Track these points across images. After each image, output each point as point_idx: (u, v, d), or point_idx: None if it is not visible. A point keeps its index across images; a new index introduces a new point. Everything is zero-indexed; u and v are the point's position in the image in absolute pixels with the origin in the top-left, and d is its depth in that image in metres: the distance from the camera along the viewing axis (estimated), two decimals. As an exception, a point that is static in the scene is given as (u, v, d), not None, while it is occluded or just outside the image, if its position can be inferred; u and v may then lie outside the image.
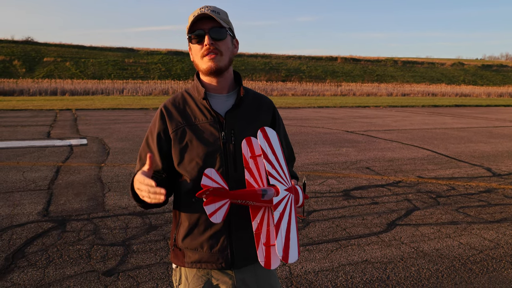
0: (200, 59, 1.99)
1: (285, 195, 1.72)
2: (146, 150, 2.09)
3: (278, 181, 1.74)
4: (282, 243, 1.63)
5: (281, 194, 1.72)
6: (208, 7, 1.97)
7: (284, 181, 1.75)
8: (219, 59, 1.98)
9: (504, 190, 7.56)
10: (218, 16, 1.95)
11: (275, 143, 1.80)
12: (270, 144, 1.78)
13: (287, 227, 1.65)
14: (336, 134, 15.10)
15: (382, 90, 57.29)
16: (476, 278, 4.28)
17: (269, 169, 1.74)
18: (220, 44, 1.97)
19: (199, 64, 2.02)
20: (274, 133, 1.81)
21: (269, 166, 1.75)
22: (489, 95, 58.96)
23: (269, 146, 1.78)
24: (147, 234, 5.31)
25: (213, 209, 1.75)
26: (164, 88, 47.42)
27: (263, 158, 1.77)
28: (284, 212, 1.68)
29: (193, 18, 1.94)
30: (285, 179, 1.75)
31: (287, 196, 1.72)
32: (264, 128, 1.79)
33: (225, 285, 2.06)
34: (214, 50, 1.96)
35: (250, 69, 74.18)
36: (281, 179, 1.75)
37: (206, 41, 1.94)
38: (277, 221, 1.67)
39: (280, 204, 1.70)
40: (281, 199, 1.71)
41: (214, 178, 1.74)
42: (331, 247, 4.99)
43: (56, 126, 16.69)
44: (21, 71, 59.67)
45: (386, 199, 6.91)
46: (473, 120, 21.94)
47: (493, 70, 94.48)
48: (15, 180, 7.88)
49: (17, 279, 4.12)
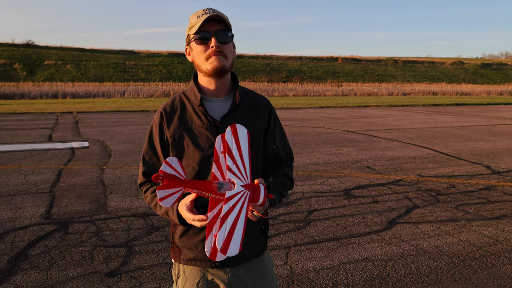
0: (204, 60, 1.99)
1: (240, 190, 1.71)
2: (150, 152, 2.12)
3: (236, 176, 1.74)
4: (224, 235, 1.62)
5: (236, 189, 1.71)
6: (212, 9, 1.97)
7: (243, 177, 1.74)
8: (224, 60, 1.99)
9: (503, 187, 7.59)
10: (222, 19, 1.96)
11: (243, 140, 1.79)
12: (237, 141, 1.77)
13: (234, 222, 1.64)
14: (337, 134, 15.13)
15: (383, 90, 57.32)
16: (475, 274, 4.32)
17: (230, 164, 1.75)
18: (225, 47, 1.99)
19: (202, 65, 2.01)
20: (244, 131, 1.80)
21: (230, 161, 1.75)
22: (489, 94, 58.94)
23: (235, 142, 1.77)
24: (149, 235, 5.35)
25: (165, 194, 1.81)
26: (165, 90, 47.46)
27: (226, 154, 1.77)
28: (234, 207, 1.67)
29: (203, 18, 1.93)
30: (244, 175, 1.74)
31: (242, 192, 1.71)
32: (234, 125, 1.78)
33: (220, 279, 2.11)
34: (220, 52, 1.97)
35: (251, 70, 74.23)
36: (240, 175, 1.74)
37: (213, 43, 1.94)
38: (224, 214, 1.66)
39: (232, 199, 1.69)
40: (234, 194, 1.70)
41: (174, 166, 1.80)
42: (332, 246, 5.02)
43: (57, 129, 16.73)
44: (22, 75, 59.76)
45: (387, 198, 6.94)
46: (473, 118, 21.95)
47: (493, 69, 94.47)
48: (17, 183, 7.93)
49: (20, 282, 4.15)
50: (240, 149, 1.77)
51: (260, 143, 2.12)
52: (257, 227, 2.18)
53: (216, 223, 1.67)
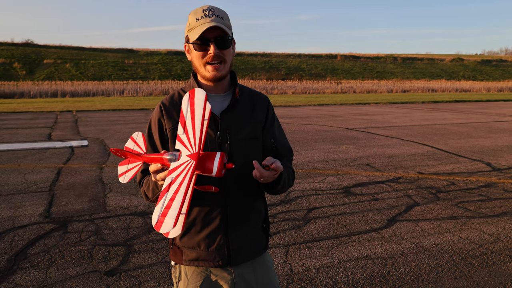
0: (203, 66, 1.98)
1: (184, 161, 1.63)
2: (149, 148, 2.10)
3: (184, 146, 1.66)
4: (160, 210, 1.54)
5: (180, 160, 1.64)
6: (212, 10, 1.94)
7: (191, 146, 1.64)
8: (222, 67, 1.98)
9: (504, 185, 7.58)
10: (223, 23, 1.94)
11: (198, 107, 1.67)
12: (192, 108, 1.68)
13: (173, 195, 1.55)
14: (336, 132, 15.12)
15: (382, 87, 57.28)
16: (476, 272, 4.31)
17: (180, 133, 1.68)
18: (225, 52, 1.97)
19: (200, 69, 2.01)
20: (202, 95, 1.68)
21: (181, 130, 1.68)
22: (488, 90, 58.93)
23: (190, 109, 1.69)
24: (149, 234, 5.34)
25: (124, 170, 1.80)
26: (164, 89, 47.41)
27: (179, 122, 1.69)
28: (176, 179, 1.59)
29: (203, 24, 1.90)
30: (192, 145, 1.64)
31: (187, 163, 1.62)
32: (193, 90, 1.71)
33: (223, 280, 2.09)
34: (218, 58, 1.96)
35: (250, 68, 74.19)
36: (188, 145, 1.65)
37: (212, 51, 1.93)
38: (165, 187, 1.59)
39: (175, 171, 1.62)
40: (178, 165, 1.63)
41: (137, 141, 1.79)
42: (332, 244, 5.01)
43: (56, 128, 16.72)
44: (21, 74, 59.72)
45: (386, 195, 6.93)
46: (473, 115, 21.95)
47: (493, 65, 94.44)
48: (16, 182, 7.91)
49: (19, 281, 4.14)
50: (193, 114, 1.67)
51: (260, 137, 2.12)
52: (258, 225, 2.17)
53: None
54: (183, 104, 1.71)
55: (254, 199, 2.12)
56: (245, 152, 2.03)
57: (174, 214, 1.52)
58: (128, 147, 1.84)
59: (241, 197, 2.05)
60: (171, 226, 1.50)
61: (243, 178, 2.01)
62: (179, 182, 1.58)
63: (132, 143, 1.84)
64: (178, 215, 1.51)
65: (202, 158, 1.68)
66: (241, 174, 2.00)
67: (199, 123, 1.65)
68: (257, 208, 2.14)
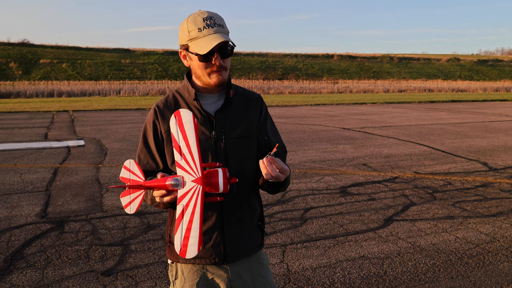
0: (207, 75, 1.99)
1: (191, 187, 1.67)
2: (144, 151, 2.12)
3: (186, 171, 1.69)
4: (181, 238, 1.62)
5: (186, 187, 1.68)
6: (213, 19, 1.93)
7: (193, 171, 1.68)
8: (225, 74, 2.01)
9: (500, 184, 7.59)
10: (224, 31, 1.95)
11: (189, 128, 1.70)
12: (183, 130, 1.71)
13: (189, 222, 1.63)
14: (333, 132, 15.13)
15: (379, 87, 57.32)
16: (473, 272, 4.31)
17: (178, 159, 1.71)
18: (226, 60, 1.99)
19: (202, 77, 2.01)
20: (189, 116, 1.72)
21: (178, 156, 1.71)
22: (485, 90, 59.03)
23: (181, 132, 1.71)
24: (145, 233, 5.33)
25: (128, 201, 1.81)
26: (161, 88, 47.33)
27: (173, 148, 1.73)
28: (188, 206, 1.65)
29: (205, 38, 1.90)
30: (194, 169, 1.68)
31: (194, 188, 1.66)
32: (178, 112, 1.73)
33: (220, 278, 2.10)
34: (221, 67, 1.98)
35: (247, 68, 74.21)
36: (190, 169, 1.68)
37: (217, 61, 1.94)
38: (179, 215, 1.65)
39: (185, 198, 1.66)
40: (186, 192, 1.67)
41: (132, 170, 1.80)
42: (329, 244, 5.01)
43: (53, 127, 16.68)
44: (18, 73, 59.59)
45: (383, 195, 6.94)
46: (470, 115, 21.99)
47: (489, 65, 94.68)
48: (12, 182, 7.89)
49: (16, 281, 4.13)
50: (186, 138, 1.70)
51: (254, 136, 2.13)
52: (254, 223, 2.19)
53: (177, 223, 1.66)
54: (172, 128, 1.73)
55: (249, 197, 2.14)
56: (239, 151, 2.06)
57: (195, 241, 1.61)
58: (124, 177, 1.86)
59: (236, 195, 2.06)
60: (196, 251, 1.61)
61: (238, 176, 2.02)
62: (191, 209, 1.65)
63: (127, 172, 1.85)
64: (200, 240, 1.61)
65: (206, 178, 1.72)
66: (235, 172, 2.02)
67: (194, 146, 1.69)
68: (252, 206, 2.16)
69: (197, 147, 1.68)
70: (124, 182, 1.89)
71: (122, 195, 1.86)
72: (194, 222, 1.62)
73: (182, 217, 1.64)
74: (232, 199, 2.05)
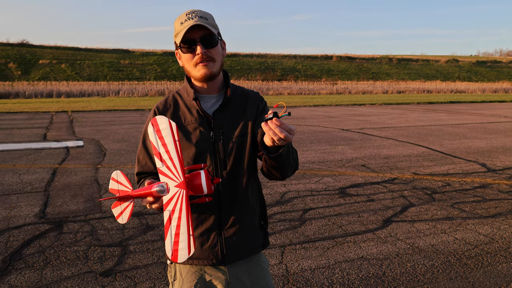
0: (193, 67, 2.00)
1: (174, 192, 1.69)
2: (143, 152, 2.13)
3: (168, 177, 1.71)
4: (171, 243, 1.65)
5: (170, 192, 1.70)
6: (195, 12, 1.96)
7: (175, 176, 1.70)
8: (212, 65, 2.00)
9: (499, 185, 7.60)
10: (207, 22, 1.95)
11: (167, 134, 1.71)
12: (161, 136, 1.72)
13: (177, 227, 1.65)
14: (331, 133, 15.14)
15: (378, 88, 57.33)
16: (471, 273, 4.32)
17: (159, 166, 1.73)
18: (212, 51, 1.99)
19: (191, 71, 2.03)
20: (165, 122, 1.72)
21: (159, 163, 1.73)
22: (483, 91, 59.08)
23: (159, 139, 1.72)
24: (144, 234, 5.33)
25: (119, 211, 1.85)
26: (160, 89, 47.34)
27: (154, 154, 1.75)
28: (174, 211, 1.67)
29: (186, 25, 1.92)
30: (176, 174, 1.70)
31: (177, 194, 1.68)
32: (155, 119, 1.74)
33: (218, 280, 2.10)
34: (207, 58, 1.97)
35: (246, 68, 74.16)
36: (172, 175, 1.70)
37: (199, 50, 1.95)
38: (166, 221, 1.67)
39: (170, 204, 1.69)
40: (171, 197, 1.69)
41: (119, 181, 1.83)
42: (327, 245, 5.01)
43: (52, 128, 16.67)
44: (17, 74, 59.55)
45: (382, 196, 6.94)
46: (468, 116, 22.00)
47: (488, 66, 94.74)
48: (11, 182, 7.89)
49: (14, 281, 4.13)
50: (165, 145, 1.72)
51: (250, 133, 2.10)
52: (254, 223, 2.17)
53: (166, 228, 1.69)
54: (150, 136, 1.74)
55: (248, 197, 2.12)
56: (237, 150, 2.06)
57: (185, 245, 1.64)
58: (113, 189, 1.90)
59: (234, 195, 2.06)
60: (187, 255, 1.63)
61: (235, 176, 2.04)
62: (178, 214, 1.67)
63: (116, 184, 1.90)
64: (189, 243, 1.63)
65: (189, 182, 1.74)
66: (234, 172, 2.03)
67: (174, 151, 1.70)
68: (251, 205, 2.14)
69: (176, 152, 1.69)
70: (113, 193, 1.93)
71: (113, 206, 1.90)
72: (181, 227, 1.64)
73: (170, 222, 1.67)
74: (230, 199, 2.05)
